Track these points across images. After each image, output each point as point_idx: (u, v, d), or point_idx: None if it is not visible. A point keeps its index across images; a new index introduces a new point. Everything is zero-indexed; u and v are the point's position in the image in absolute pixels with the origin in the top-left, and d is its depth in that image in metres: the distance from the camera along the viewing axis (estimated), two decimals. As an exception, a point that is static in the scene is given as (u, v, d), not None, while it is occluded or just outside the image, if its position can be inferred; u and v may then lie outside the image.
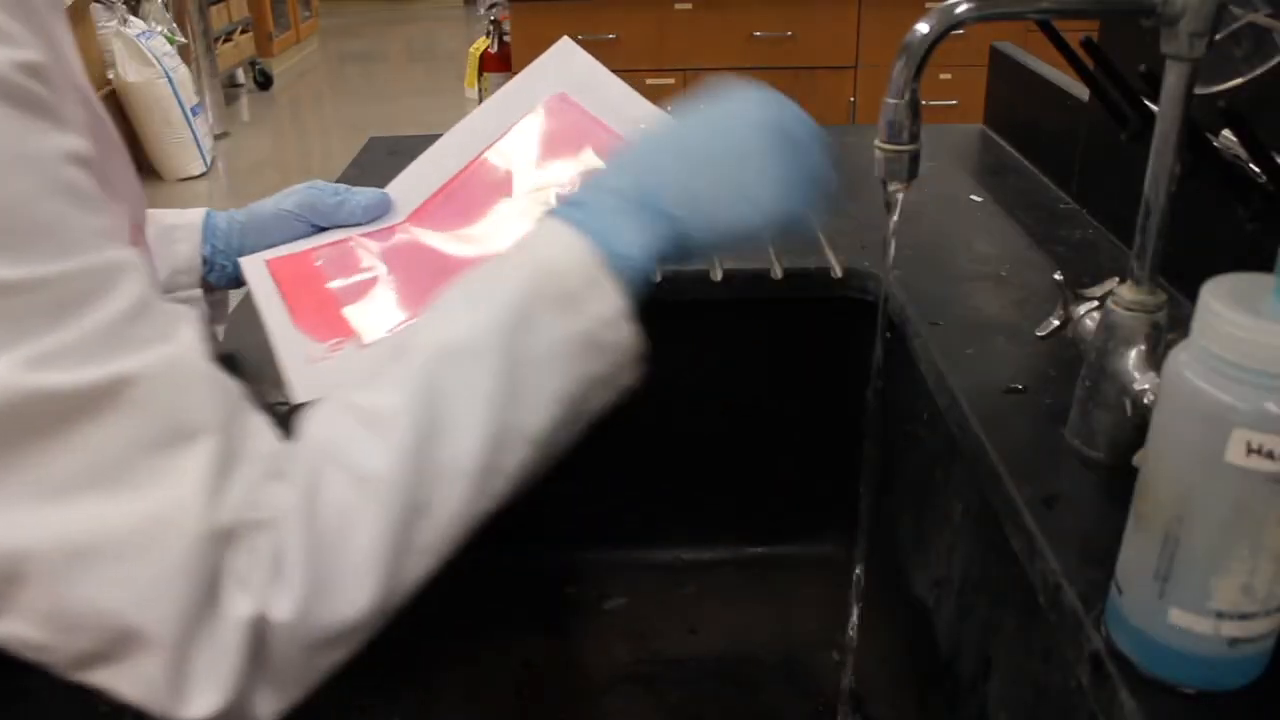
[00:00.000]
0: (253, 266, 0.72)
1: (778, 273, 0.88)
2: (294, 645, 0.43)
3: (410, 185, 0.77)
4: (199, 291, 0.74)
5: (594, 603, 0.97)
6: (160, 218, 0.73)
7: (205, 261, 0.73)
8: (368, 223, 0.75)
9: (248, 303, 0.72)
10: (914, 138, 0.56)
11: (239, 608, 0.41)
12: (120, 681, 0.41)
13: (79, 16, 3.46)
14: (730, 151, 0.53)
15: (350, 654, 0.46)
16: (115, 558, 0.39)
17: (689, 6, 2.66)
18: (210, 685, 0.40)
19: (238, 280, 0.74)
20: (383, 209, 0.75)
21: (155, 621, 0.39)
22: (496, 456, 0.47)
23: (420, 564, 0.46)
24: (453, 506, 0.46)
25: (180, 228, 0.73)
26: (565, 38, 0.81)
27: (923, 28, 0.53)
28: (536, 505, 1.00)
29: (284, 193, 0.75)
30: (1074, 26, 0.77)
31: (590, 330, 0.49)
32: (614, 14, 2.66)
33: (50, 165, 0.39)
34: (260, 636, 0.41)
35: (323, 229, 0.75)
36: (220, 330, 0.78)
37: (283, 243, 0.74)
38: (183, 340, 0.42)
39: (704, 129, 0.54)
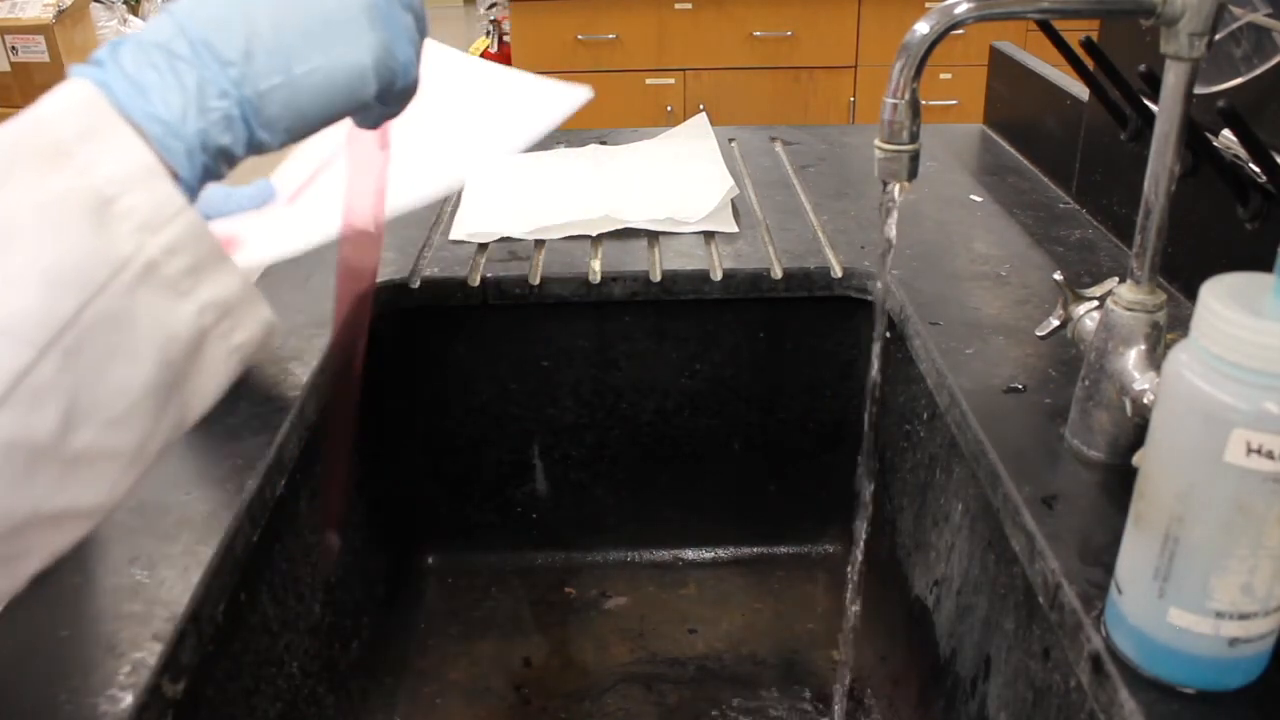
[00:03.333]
0: None
1: (777, 272, 0.88)
2: None
3: (292, 168, 0.74)
4: None
5: (594, 603, 0.97)
6: None
7: None
8: (254, 209, 0.71)
9: None
10: (914, 138, 0.56)
11: None
12: None
13: (79, 17, 3.46)
14: None
15: None
16: None
17: (689, 6, 2.65)
18: None
19: None
20: (266, 195, 0.69)
21: None
22: None
23: None
24: None
25: None
26: None
27: (922, 28, 0.53)
28: (536, 505, 1.01)
29: None
30: (1074, 26, 0.77)
31: (95, 189, 0.35)
32: (614, 14, 2.66)
33: None
34: None
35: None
36: None
37: None
38: None
39: None
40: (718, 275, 0.88)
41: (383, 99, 0.43)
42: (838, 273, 0.88)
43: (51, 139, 0.35)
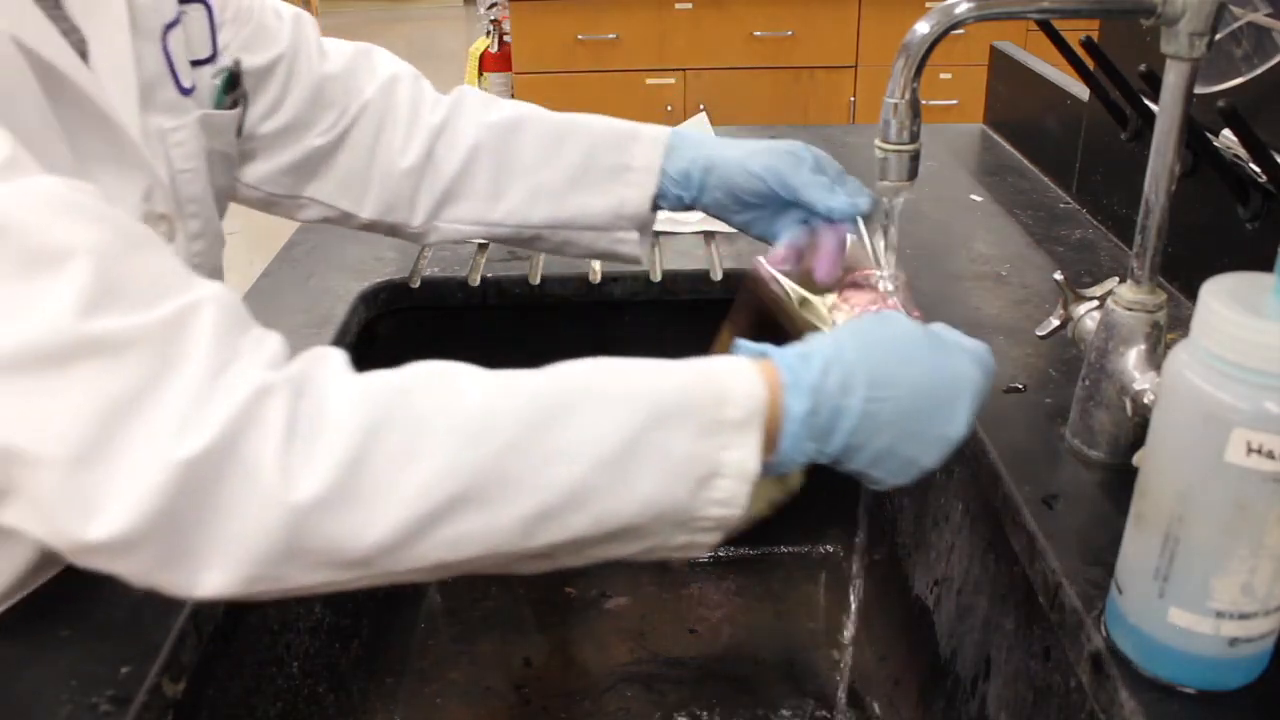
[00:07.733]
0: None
1: (778, 273, 0.88)
2: (280, 523, 0.39)
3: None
4: (634, 235, 0.70)
5: (594, 602, 0.97)
6: (617, 139, 0.69)
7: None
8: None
9: None
10: (914, 137, 0.56)
11: (162, 441, 0.38)
12: (20, 513, 0.39)
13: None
14: (934, 420, 0.48)
15: (333, 582, 0.42)
16: None
17: (689, 6, 2.65)
18: (116, 507, 0.38)
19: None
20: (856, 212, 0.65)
21: (40, 440, 0.37)
22: (563, 506, 0.43)
23: (440, 548, 0.42)
24: (503, 521, 0.42)
25: (635, 172, 0.68)
26: None
27: (923, 28, 0.53)
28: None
29: (758, 145, 0.68)
30: (1074, 26, 0.77)
31: (713, 469, 0.45)
32: (614, 14, 2.65)
33: None
34: (207, 480, 0.38)
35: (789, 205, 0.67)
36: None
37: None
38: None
39: (926, 389, 0.48)
40: (718, 275, 0.88)
41: None
42: (838, 273, 0.88)
43: (718, 416, 0.45)
